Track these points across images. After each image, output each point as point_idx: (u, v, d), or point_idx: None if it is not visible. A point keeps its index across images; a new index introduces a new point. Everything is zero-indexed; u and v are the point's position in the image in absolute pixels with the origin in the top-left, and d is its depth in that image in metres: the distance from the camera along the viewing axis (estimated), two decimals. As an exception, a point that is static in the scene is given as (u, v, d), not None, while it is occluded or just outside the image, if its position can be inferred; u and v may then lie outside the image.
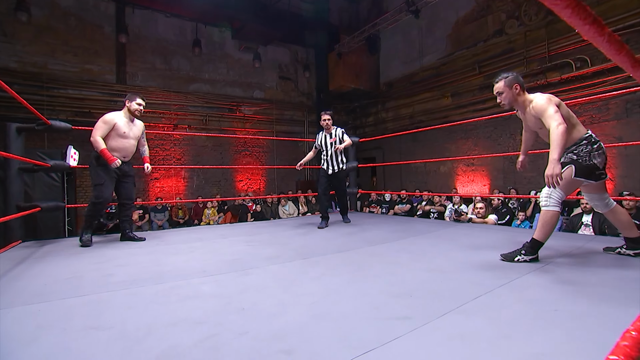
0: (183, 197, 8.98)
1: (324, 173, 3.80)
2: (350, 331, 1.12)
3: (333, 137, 3.76)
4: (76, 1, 7.96)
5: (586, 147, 1.89)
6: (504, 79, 2.03)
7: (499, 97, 2.06)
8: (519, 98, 2.01)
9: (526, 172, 7.42)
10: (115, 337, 1.12)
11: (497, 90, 2.06)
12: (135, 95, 2.90)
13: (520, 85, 2.01)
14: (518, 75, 2.04)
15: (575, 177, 1.87)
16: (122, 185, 2.96)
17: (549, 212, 1.90)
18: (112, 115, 2.83)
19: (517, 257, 1.95)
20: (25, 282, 1.76)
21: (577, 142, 1.92)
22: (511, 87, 2.01)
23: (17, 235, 2.93)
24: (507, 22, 7.66)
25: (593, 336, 1.04)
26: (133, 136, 2.93)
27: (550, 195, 1.90)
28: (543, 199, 1.92)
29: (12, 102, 6.62)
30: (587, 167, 1.87)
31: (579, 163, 1.88)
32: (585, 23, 0.40)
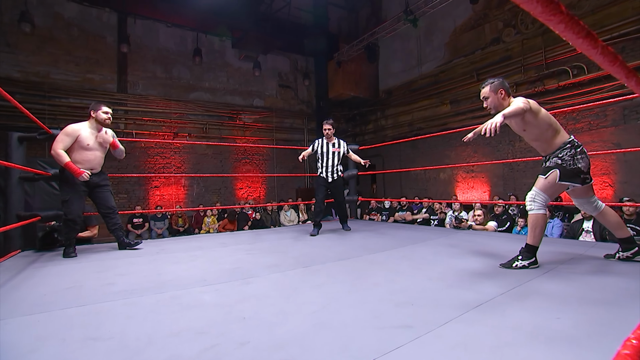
0: (183, 205, 8.97)
1: (322, 182, 3.79)
2: (351, 340, 1.12)
3: (336, 147, 3.78)
4: (79, 12, 8.08)
5: (570, 151, 1.93)
6: (490, 85, 2.06)
7: (485, 102, 2.10)
8: (504, 103, 2.04)
9: (526, 179, 7.44)
10: (115, 348, 1.11)
11: (483, 95, 2.10)
12: (99, 104, 2.80)
13: (506, 91, 2.04)
14: (504, 81, 2.07)
15: (560, 181, 1.90)
16: (97, 196, 2.85)
17: (534, 215, 1.95)
18: (76, 126, 2.71)
19: (515, 263, 1.96)
20: (24, 292, 1.75)
21: (561, 147, 1.95)
22: (496, 92, 2.04)
23: (17, 244, 2.93)
24: (504, 31, 7.76)
25: (595, 344, 1.03)
26: (98, 147, 2.81)
27: (534, 199, 1.96)
28: (528, 203, 1.98)
29: (14, 112, 6.67)
30: (572, 170, 1.90)
31: (563, 167, 1.91)
32: (579, 37, 0.41)
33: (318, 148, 3.84)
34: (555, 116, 2.07)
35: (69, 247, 2.69)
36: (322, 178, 3.80)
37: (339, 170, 3.82)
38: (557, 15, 0.36)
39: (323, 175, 3.80)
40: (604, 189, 6.26)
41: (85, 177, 2.61)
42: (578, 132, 6.58)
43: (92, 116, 2.77)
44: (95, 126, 2.78)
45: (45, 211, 3.17)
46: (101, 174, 2.88)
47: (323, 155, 3.79)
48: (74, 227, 2.70)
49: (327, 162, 3.77)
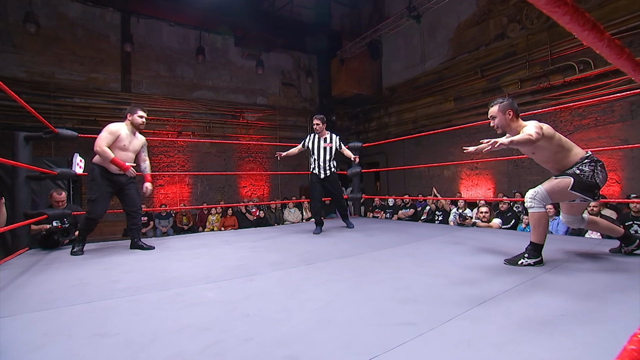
0: (187, 203, 9.02)
1: (316, 179, 3.68)
2: (355, 337, 1.12)
3: (328, 142, 3.67)
4: (83, 12, 8.12)
5: (590, 165, 1.90)
6: (499, 104, 2.03)
7: (492, 122, 2.08)
8: (512, 124, 2.02)
9: (531, 176, 7.38)
10: (121, 344, 1.12)
11: (490, 115, 2.08)
12: (136, 108, 2.83)
13: (514, 112, 2.00)
14: (513, 101, 2.03)
15: (572, 190, 1.87)
16: (124, 194, 2.85)
17: (535, 213, 1.94)
18: (117, 125, 2.75)
19: (520, 261, 1.95)
20: (32, 289, 1.78)
21: (577, 163, 1.93)
22: (504, 113, 2.01)
23: (24, 242, 2.96)
24: (509, 26, 7.68)
25: (600, 341, 1.03)
26: (132, 150, 2.85)
27: (534, 197, 1.94)
28: (528, 201, 1.95)
29: (21, 111, 6.74)
30: (588, 184, 1.88)
31: (580, 178, 1.88)
32: (585, 29, 0.41)
33: (309, 144, 3.74)
34: (560, 112, 2.06)
35: (79, 244, 2.70)
36: (314, 175, 3.69)
37: (333, 165, 3.70)
38: (561, 7, 0.35)
39: (315, 171, 3.68)
40: (610, 185, 6.19)
41: (132, 173, 2.69)
42: (584, 128, 6.50)
43: (127, 119, 2.80)
44: (130, 129, 2.82)
45: (51, 209, 3.21)
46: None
47: (314, 150, 3.68)
48: (92, 226, 2.75)
49: (319, 158, 3.65)
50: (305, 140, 3.79)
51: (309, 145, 3.74)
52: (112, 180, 2.73)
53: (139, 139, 2.91)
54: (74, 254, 2.64)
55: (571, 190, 1.87)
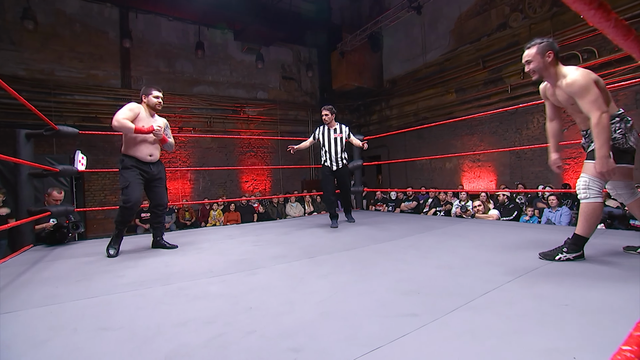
0: (189, 198, 9.05)
1: (328, 171, 3.63)
2: (358, 328, 1.12)
3: (338, 133, 3.61)
4: (81, 8, 8.07)
5: (619, 126, 1.72)
6: (537, 45, 1.79)
7: (527, 66, 1.84)
8: (551, 69, 1.79)
9: (534, 167, 7.34)
10: (125, 338, 1.13)
11: (526, 58, 1.84)
12: (150, 88, 2.59)
13: (555, 54, 1.78)
14: (554, 42, 1.80)
15: (618, 164, 1.69)
16: (152, 190, 2.66)
17: (590, 204, 1.75)
18: (137, 105, 2.53)
19: (558, 256, 1.80)
20: (37, 285, 1.79)
21: (611, 120, 1.71)
22: (543, 55, 1.78)
23: (29, 239, 2.99)
24: (511, 16, 7.57)
25: (605, 330, 1.02)
26: None
27: (589, 186, 1.75)
28: (582, 192, 1.77)
29: (22, 109, 6.75)
30: (626, 151, 1.73)
31: (617, 149, 1.71)
32: (591, 8, 0.39)
33: (319, 136, 3.68)
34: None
35: (114, 244, 2.46)
36: (326, 167, 3.64)
37: (344, 158, 3.65)
38: (567, -17, 0.34)
39: (327, 164, 3.63)
40: (614, 176, 6.14)
41: (160, 132, 2.45)
42: (588, 118, 6.44)
43: (143, 101, 2.58)
44: (148, 111, 2.59)
45: (54, 206, 3.23)
46: (159, 164, 2.68)
47: (325, 142, 3.63)
48: (130, 215, 2.52)
49: (330, 149, 3.60)
50: (316, 132, 3.74)
51: (319, 137, 3.68)
52: (143, 169, 2.53)
53: (159, 120, 2.65)
54: (111, 257, 2.39)
55: (617, 164, 1.68)
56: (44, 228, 3.17)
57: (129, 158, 2.51)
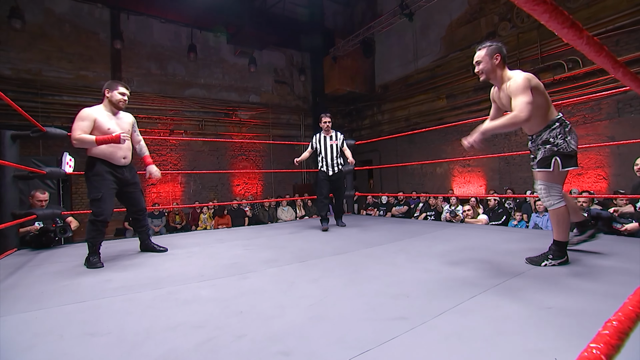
0: (180, 202, 8.95)
1: (324, 176, 3.76)
2: (348, 332, 1.13)
3: (334, 140, 3.78)
4: (70, 8, 7.96)
5: (559, 130, 1.81)
6: (486, 47, 1.87)
7: (477, 67, 1.91)
8: (498, 71, 1.87)
9: (522, 173, 7.49)
10: (113, 343, 1.12)
11: (476, 59, 1.90)
12: (115, 83, 2.40)
13: (502, 57, 1.86)
14: (502, 46, 1.88)
15: (563, 168, 1.80)
16: (127, 196, 2.50)
17: (558, 209, 1.82)
18: (90, 109, 2.32)
19: (544, 262, 1.84)
20: (21, 290, 1.75)
21: (549, 125, 1.83)
22: (492, 57, 1.85)
23: (13, 243, 2.91)
24: (500, 24, 7.77)
25: (585, 332, 1.06)
26: (121, 131, 2.38)
27: (550, 194, 1.83)
28: (546, 200, 1.84)
29: (7, 109, 6.60)
30: (569, 154, 1.80)
31: (562, 153, 1.80)
32: (564, 27, 0.42)
33: (316, 143, 3.82)
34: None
35: (93, 254, 2.25)
36: (323, 172, 3.78)
37: (339, 163, 3.80)
38: (540, 5, 0.37)
39: (324, 169, 3.78)
40: (598, 181, 6.32)
41: (126, 137, 2.23)
42: (573, 125, 6.58)
43: (106, 96, 2.38)
44: (110, 109, 2.39)
45: (41, 209, 3.16)
46: (132, 168, 2.49)
47: (322, 148, 3.77)
48: (103, 229, 2.32)
49: (326, 156, 3.75)
50: (313, 141, 3.87)
51: (317, 145, 3.82)
52: (116, 175, 2.35)
53: (124, 118, 2.46)
54: (93, 265, 2.20)
55: (563, 169, 1.80)
56: (28, 231, 3.10)
57: (101, 162, 2.30)
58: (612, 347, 0.35)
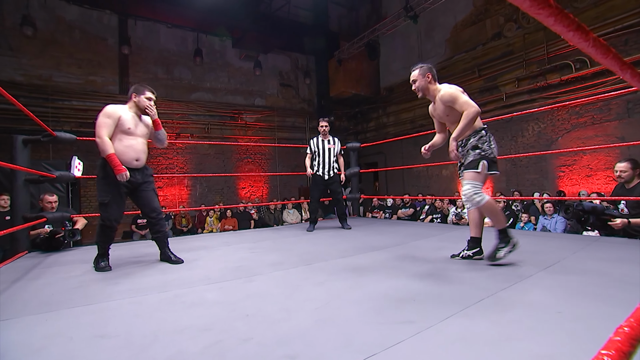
0: (186, 205, 9.01)
1: (319, 180, 3.79)
2: (354, 335, 1.13)
3: (331, 144, 3.81)
4: (80, 15, 8.12)
5: (486, 138, 2.02)
6: (419, 68, 2.16)
7: (413, 85, 2.20)
8: (430, 87, 2.15)
9: (529, 174, 7.41)
10: (121, 345, 1.13)
11: (412, 79, 2.19)
12: (143, 88, 2.35)
13: (432, 75, 2.15)
14: (432, 66, 2.18)
15: (489, 171, 2.00)
16: (139, 197, 2.39)
17: (485, 205, 1.98)
18: (115, 107, 2.28)
19: (498, 253, 1.95)
20: (32, 292, 1.78)
21: (477, 132, 2.04)
22: (424, 76, 2.15)
23: (24, 246, 2.96)
24: (506, 25, 7.71)
25: (596, 337, 1.04)
26: (141, 134, 2.37)
27: (475, 192, 1.98)
28: (472, 198, 1.98)
29: (19, 115, 6.74)
30: (493, 160, 2.02)
31: (488, 157, 2.00)
32: (569, 30, 0.42)
33: (314, 147, 3.84)
34: (557, 110, 2.09)
35: (102, 257, 2.27)
36: (318, 176, 3.79)
37: (336, 167, 3.83)
38: (545, 8, 0.37)
39: (319, 173, 3.79)
40: (607, 183, 6.22)
41: (125, 177, 2.19)
42: (582, 126, 6.54)
43: (132, 99, 2.34)
44: (135, 111, 2.36)
45: (51, 212, 3.21)
46: (145, 169, 2.42)
47: (319, 152, 3.80)
48: (111, 234, 2.31)
49: (324, 160, 3.77)
50: (311, 145, 3.88)
51: (315, 148, 3.84)
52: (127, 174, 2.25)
53: (147, 122, 2.43)
54: (102, 269, 2.21)
55: (488, 171, 2.00)
56: (38, 234, 3.15)
57: None
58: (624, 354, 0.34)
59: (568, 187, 6.70)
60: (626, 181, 2.74)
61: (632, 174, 2.72)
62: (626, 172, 2.71)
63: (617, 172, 2.77)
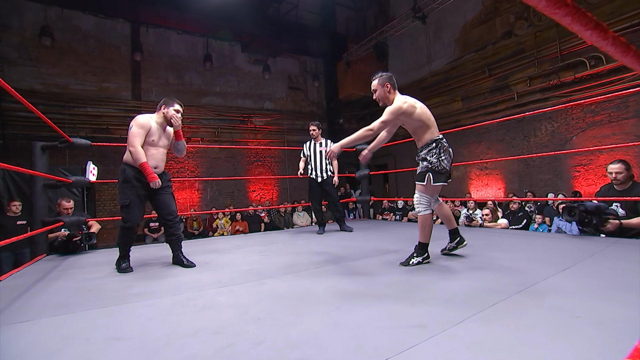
0: (197, 208, 9.13)
1: (314, 182, 3.86)
2: (366, 340, 1.12)
3: (324, 147, 3.86)
4: (95, 24, 8.36)
5: (435, 150, 2.09)
6: (378, 78, 2.20)
7: (374, 94, 2.25)
8: (390, 96, 2.19)
9: (542, 175, 7.25)
10: (136, 348, 1.15)
11: (372, 88, 2.24)
12: (172, 100, 2.47)
13: (391, 85, 2.18)
14: (392, 76, 2.21)
15: (434, 183, 2.09)
16: (157, 200, 2.45)
17: (422, 216, 2.13)
18: (146, 117, 2.40)
19: (411, 261, 2.10)
20: (50, 294, 1.83)
21: (428, 144, 2.12)
22: (383, 85, 2.18)
23: (42, 249, 3.05)
24: (516, 24, 7.59)
25: (619, 344, 1.00)
26: (163, 145, 2.49)
27: (420, 202, 2.14)
28: (415, 206, 2.15)
29: (38, 122, 6.96)
30: (440, 172, 2.10)
31: (434, 170, 2.09)
32: (587, 28, 0.41)
33: (306, 150, 3.93)
34: (572, 109, 2.05)
35: (123, 259, 2.36)
36: (312, 179, 3.88)
37: (329, 170, 3.86)
38: (562, 8, 0.36)
39: (313, 175, 3.87)
40: (626, 183, 6.03)
41: (157, 185, 2.31)
42: (598, 124, 6.37)
43: (161, 111, 2.46)
44: (161, 122, 2.47)
45: (67, 216, 3.30)
46: (164, 174, 2.51)
47: (311, 155, 3.88)
48: (132, 235, 2.41)
49: (316, 162, 3.84)
50: (304, 149, 3.97)
51: (307, 152, 3.92)
52: (146, 182, 2.33)
53: (169, 133, 2.55)
54: (124, 270, 2.29)
55: (434, 183, 2.10)
56: (56, 237, 3.23)
57: (132, 169, 2.34)
58: (650, 363, 0.33)
59: (584, 187, 6.53)
60: (621, 182, 2.69)
61: (627, 175, 2.69)
62: (622, 173, 2.68)
63: (613, 174, 2.74)
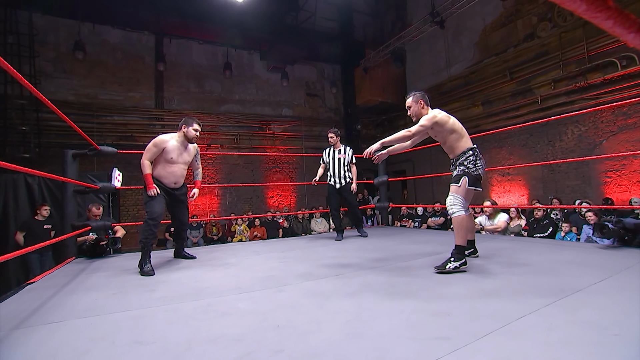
0: (217, 214, 9.29)
1: (332, 189, 3.89)
2: (387, 351, 1.09)
3: (342, 154, 3.88)
4: (122, 37, 8.79)
5: (472, 157, 2.19)
6: (412, 96, 2.37)
7: (409, 111, 2.41)
8: (423, 112, 2.33)
9: (569, 181, 6.94)
10: (159, 352, 1.17)
11: (407, 105, 2.41)
12: (192, 120, 2.75)
13: (424, 101, 2.35)
14: (424, 94, 2.38)
15: (469, 186, 2.15)
16: (175, 209, 2.86)
17: (457, 217, 2.15)
18: (165, 137, 2.68)
19: (448, 265, 2.06)
20: (78, 297, 1.90)
21: (465, 152, 2.22)
22: (417, 102, 2.35)
23: (72, 252, 3.18)
24: (539, 25, 7.37)
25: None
26: (182, 161, 2.77)
27: (454, 203, 2.17)
28: (449, 208, 2.18)
29: (69, 130, 7.33)
30: (476, 177, 2.18)
31: (470, 174, 2.16)
32: (631, 31, 0.39)
33: (325, 157, 3.96)
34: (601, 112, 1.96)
35: (145, 261, 2.45)
36: (331, 185, 3.91)
37: (348, 176, 3.87)
38: (603, 11, 0.34)
39: (332, 182, 3.90)
40: (663, 190, 5.67)
41: (154, 193, 2.57)
42: (630, 128, 6.04)
43: (182, 130, 2.73)
44: (182, 141, 2.75)
45: (94, 221, 3.43)
46: (183, 187, 2.86)
47: (330, 162, 3.91)
48: (154, 229, 2.57)
49: (334, 169, 3.87)
50: (323, 155, 4.01)
51: (326, 158, 3.96)
52: (166, 191, 2.71)
53: (191, 150, 2.83)
54: (146, 274, 2.37)
55: (469, 187, 2.15)
56: (85, 240, 3.39)
57: (154, 180, 2.65)
58: None
59: (616, 194, 6.19)
60: None
61: None
62: None
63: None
